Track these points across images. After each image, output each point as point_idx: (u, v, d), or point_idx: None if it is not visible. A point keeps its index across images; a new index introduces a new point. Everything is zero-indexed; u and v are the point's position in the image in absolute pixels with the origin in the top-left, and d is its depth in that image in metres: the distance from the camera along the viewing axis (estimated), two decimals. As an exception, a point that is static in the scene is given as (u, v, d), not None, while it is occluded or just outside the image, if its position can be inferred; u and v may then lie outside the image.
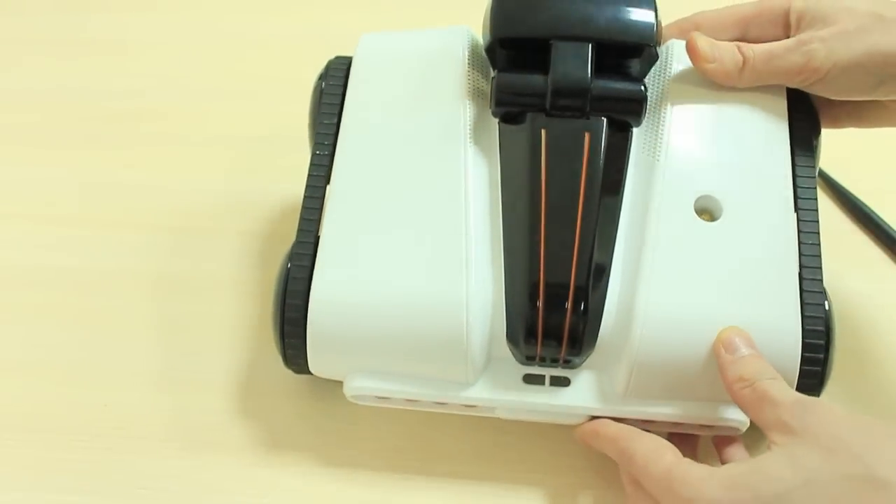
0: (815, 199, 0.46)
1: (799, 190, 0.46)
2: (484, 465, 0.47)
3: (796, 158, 0.47)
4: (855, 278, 0.55)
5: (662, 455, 0.39)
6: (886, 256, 0.57)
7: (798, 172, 0.46)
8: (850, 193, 0.60)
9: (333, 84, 0.50)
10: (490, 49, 0.46)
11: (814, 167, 0.47)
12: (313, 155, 0.48)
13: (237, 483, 0.46)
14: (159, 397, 0.49)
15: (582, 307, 0.41)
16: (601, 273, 0.43)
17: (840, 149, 0.62)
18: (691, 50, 0.46)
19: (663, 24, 0.47)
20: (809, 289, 0.43)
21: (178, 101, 0.69)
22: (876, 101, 0.48)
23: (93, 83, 0.70)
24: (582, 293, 0.41)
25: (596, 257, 0.42)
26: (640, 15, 0.45)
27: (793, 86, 0.47)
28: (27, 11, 0.78)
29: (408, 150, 0.46)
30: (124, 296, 0.54)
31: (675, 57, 0.48)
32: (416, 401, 0.44)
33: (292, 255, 0.44)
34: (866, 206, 0.59)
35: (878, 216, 0.58)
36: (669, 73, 0.48)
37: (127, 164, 0.63)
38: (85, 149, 0.65)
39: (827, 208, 0.60)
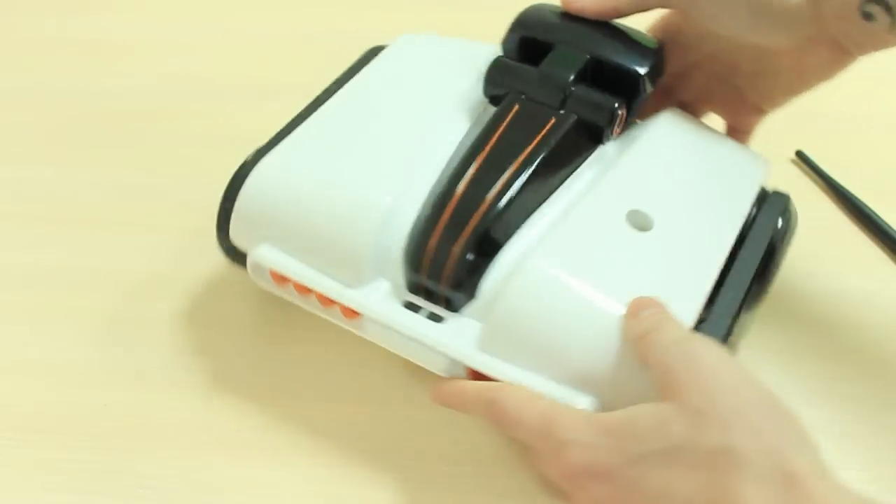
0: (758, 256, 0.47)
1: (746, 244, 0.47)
2: (478, 465, 0.46)
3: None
4: (855, 278, 0.55)
5: (536, 401, 0.39)
6: (886, 256, 0.57)
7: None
8: (850, 193, 0.60)
9: (364, 58, 0.55)
10: (503, 42, 0.51)
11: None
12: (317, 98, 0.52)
13: (239, 484, 0.46)
14: (159, 397, 0.49)
15: (473, 247, 0.43)
16: (505, 228, 0.44)
17: (840, 149, 0.62)
18: (563, 4, 0.50)
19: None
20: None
21: (175, 100, 0.68)
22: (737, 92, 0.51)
23: (89, 82, 0.70)
24: (477, 234, 0.43)
25: (506, 213, 0.44)
26: (640, 48, 0.49)
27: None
28: (26, 11, 0.78)
29: (394, 102, 0.50)
30: (124, 295, 0.54)
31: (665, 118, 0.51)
32: (305, 293, 0.45)
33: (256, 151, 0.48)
34: (866, 206, 0.59)
35: (878, 216, 0.58)
36: (658, 123, 0.50)
37: (126, 164, 0.63)
38: (82, 148, 0.65)
39: (827, 208, 0.60)
